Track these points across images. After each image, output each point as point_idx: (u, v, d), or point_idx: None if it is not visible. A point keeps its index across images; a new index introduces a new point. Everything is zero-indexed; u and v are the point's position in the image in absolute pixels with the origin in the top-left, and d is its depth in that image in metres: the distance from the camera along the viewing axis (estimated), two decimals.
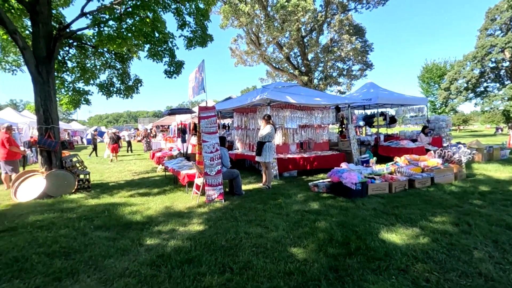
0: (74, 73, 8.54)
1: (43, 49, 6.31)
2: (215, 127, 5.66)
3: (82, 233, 4.01)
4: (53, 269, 2.98)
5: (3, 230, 4.23)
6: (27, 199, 5.94)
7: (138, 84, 9.45)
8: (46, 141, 6.30)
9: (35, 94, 6.37)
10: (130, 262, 3.10)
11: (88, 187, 6.91)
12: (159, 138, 19.96)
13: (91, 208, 5.34)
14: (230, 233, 3.84)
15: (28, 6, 6.26)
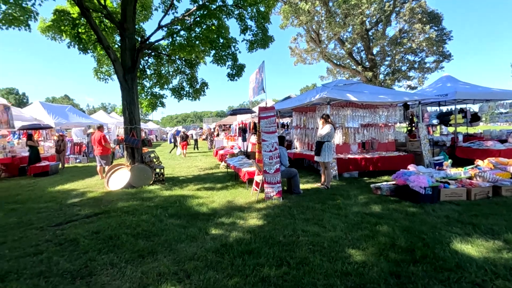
0: (152, 80, 9.73)
1: (129, 60, 7.38)
2: (274, 126, 5.84)
3: (159, 219, 4.62)
4: (138, 247, 3.54)
5: (100, 212, 5.14)
6: (116, 188, 7.05)
7: (205, 87, 10.25)
8: (131, 139, 7.36)
9: (122, 98, 7.50)
10: (198, 248, 3.48)
11: (162, 180, 7.83)
12: (221, 137, 21.20)
13: (165, 198, 6.08)
14: (287, 229, 3.97)
15: (118, 24, 7.38)
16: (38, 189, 7.51)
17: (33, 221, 4.80)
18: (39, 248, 3.63)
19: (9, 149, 10.88)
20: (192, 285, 2.67)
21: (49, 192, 7.04)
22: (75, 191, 7.13)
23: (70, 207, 5.63)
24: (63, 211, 5.34)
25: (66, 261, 3.24)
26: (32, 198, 6.48)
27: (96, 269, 3.03)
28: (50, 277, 2.89)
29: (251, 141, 12.70)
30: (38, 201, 6.19)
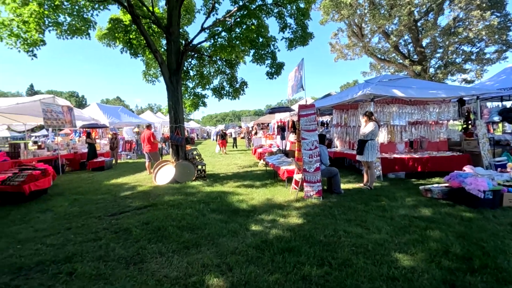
0: (194, 80, 10.16)
1: (174, 63, 7.80)
2: (315, 124, 5.73)
3: (202, 214, 4.83)
4: (183, 239, 3.74)
5: (149, 205, 5.53)
6: (162, 183, 7.51)
7: (244, 86, 10.43)
8: (176, 137, 7.79)
9: (168, 99, 7.96)
10: (239, 243, 3.57)
11: (204, 176, 8.16)
12: (260, 135, 21.39)
13: (207, 194, 6.32)
14: (328, 229, 3.89)
15: (164, 28, 7.84)
16: (96, 182, 8.31)
17: (92, 210, 5.33)
18: (98, 235, 4.03)
19: (72, 146, 12.20)
20: (234, 278, 2.75)
21: (105, 185, 7.75)
22: (127, 184, 7.75)
23: (123, 199, 6.14)
24: (117, 203, 5.85)
25: (121, 248, 3.55)
26: (91, 190, 7.19)
27: (146, 257, 3.27)
28: (108, 261, 3.20)
29: (289, 140, 12.62)
30: (96, 193, 6.85)
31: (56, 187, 7.52)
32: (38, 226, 4.53)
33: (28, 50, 6.93)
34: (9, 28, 6.66)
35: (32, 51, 7.03)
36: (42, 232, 4.24)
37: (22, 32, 6.78)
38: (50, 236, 4.05)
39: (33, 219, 4.94)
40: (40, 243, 3.81)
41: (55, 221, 4.76)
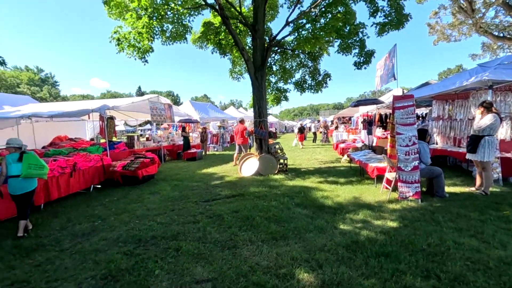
0: (277, 75, 10.29)
1: (259, 59, 8.05)
2: (413, 118, 5.07)
3: (287, 207, 4.88)
4: (271, 230, 3.85)
5: (236, 194, 5.90)
6: (247, 174, 7.92)
7: (327, 78, 10.03)
8: (259, 131, 8.07)
9: (253, 94, 8.29)
10: (327, 240, 3.46)
11: (286, 170, 8.24)
12: (341, 130, 20.35)
13: (290, 188, 6.36)
14: (432, 237, 3.40)
15: (250, 26, 8.14)
16: (190, 171, 9.35)
17: (189, 196, 6.01)
18: (196, 218, 4.51)
19: (171, 138, 14.02)
20: (325, 276, 2.68)
21: (198, 174, 8.65)
22: (216, 174, 8.46)
23: (214, 187, 6.72)
24: (209, 190, 6.44)
25: (216, 232, 3.88)
26: (187, 177, 8.12)
27: (238, 243, 3.49)
28: (206, 243, 3.54)
29: (376, 135, 11.60)
30: (191, 180, 7.70)
31: (160, 174, 8.77)
32: (149, 206, 5.36)
33: (141, 57, 8.19)
34: (128, 40, 7.99)
35: (144, 58, 8.28)
36: (152, 211, 5.00)
37: (137, 42, 8.05)
38: (159, 216, 4.73)
39: (145, 199, 5.87)
40: (152, 220, 4.50)
41: (161, 203, 5.55)
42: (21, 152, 4.28)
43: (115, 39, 7.69)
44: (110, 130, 9.09)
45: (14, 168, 4.13)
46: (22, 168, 4.12)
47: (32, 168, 4.18)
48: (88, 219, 4.76)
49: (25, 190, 4.21)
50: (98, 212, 5.12)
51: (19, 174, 4.12)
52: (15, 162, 4.15)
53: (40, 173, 4.34)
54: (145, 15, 7.48)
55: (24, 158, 4.19)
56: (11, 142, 4.30)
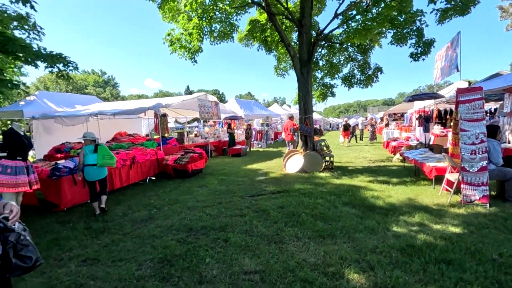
0: (323, 70, 10.00)
1: (305, 54, 7.90)
2: (481, 112, 4.53)
3: (333, 205, 4.74)
4: (317, 228, 3.78)
5: (281, 191, 5.90)
6: (291, 171, 7.87)
7: (378, 72, 9.46)
8: (305, 127, 7.95)
9: (298, 90, 8.18)
10: (379, 242, 3.28)
11: (331, 168, 7.99)
12: (392, 127, 19.03)
13: (336, 186, 6.16)
14: (504, 247, 3.02)
15: (297, 21, 8.02)
16: (236, 166, 9.60)
17: (235, 190, 6.18)
18: (243, 212, 4.62)
19: (217, 135, 14.55)
20: (377, 279, 2.55)
21: (243, 170, 8.84)
22: (260, 170, 8.56)
23: (259, 183, 6.81)
24: (254, 186, 6.54)
25: (262, 226, 3.94)
26: (233, 172, 8.36)
27: (285, 239, 3.50)
28: (253, 236, 3.61)
29: (434, 132, 10.61)
30: (237, 175, 7.90)
31: (207, 168, 9.17)
32: (199, 198, 5.64)
33: (191, 57, 8.63)
34: (180, 41, 8.46)
35: (194, 58, 8.71)
36: (201, 203, 5.26)
37: (187, 43, 8.49)
38: (208, 208, 4.96)
39: (195, 192, 6.19)
40: (201, 211, 4.73)
41: (209, 196, 5.80)
42: (95, 144, 4.91)
43: (168, 40, 8.20)
44: (163, 127, 9.76)
45: (90, 158, 4.78)
46: (98, 158, 4.77)
47: (105, 158, 4.83)
48: (145, 207, 5.19)
49: (100, 176, 4.91)
50: (154, 201, 5.55)
51: (95, 163, 4.77)
52: (91, 153, 4.80)
53: (111, 163, 5.00)
54: (195, 17, 7.84)
55: (98, 150, 4.84)
56: (87, 135, 4.97)
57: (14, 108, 10.91)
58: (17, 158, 3.65)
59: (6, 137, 3.65)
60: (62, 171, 5.19)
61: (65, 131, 11.20)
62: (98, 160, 4.76)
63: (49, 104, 11.66)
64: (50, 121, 10.39)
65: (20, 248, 1.28)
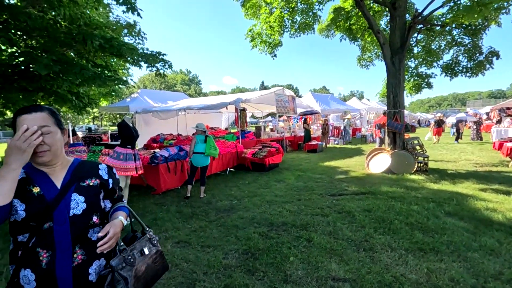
0: (418, 58, 8.75)
1: (398, 41, 7.00)
2: None
3: (434, 215, 4.06)
4: (416, 239, 3.27)
5: (366, 192, 5.40)
6: (376, 171, 7.16)
7: (493, 57, 7.76)
8: (394, 123, 7.10)
9: (387, 82, 7.34)
10: (504, 268, 2.63)
11: (426, 170, 6.97)
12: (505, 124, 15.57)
13: (434, 192, 5.31)
14: None
15: (389, 4, 7.16)
16: (312, 162, 9.30)
17: (314, 187, 5.94)
18: (324, 211, 4.38)
19: (292, 130, 14.41)
20: None
21: (320, 166, 8.49)
22: (339, 168, 8.07)
23: (339, 182, 6.41)
24: (333, 184, 6.18)
25: (348, 229, 3.63)
26: (310, 169, 8.10)
27: (375, 247, 3.13)
28: (338, 239, 3.36)
29: None
30: (314, 172, 7.63)
31: (284, 163, 9.13)
32: (277, 193, 5.62)
33: (271, 52, 8.65)
34: (261, 36, 8.57)
35: (273, 52, 8.71)
36: (280, 198, 5.21)
37: (268, 38, 8.53)
38: (287, 203, 4.88)
39: (272, 186, 6.20)
40: (281, 207, 4.68)
41: (288, 191, 5.72)
42: (205, 135, 5.48)
43: (250, 36, 8.38)
44: (243, 121, 10.13)
45: (200, 146, 5.40)
46: (206, 148, 5.35)
47: (211, 148, 5.39)
48: (227, 197, 5.43)
49: (203, 164, 5.48)
50: (234, 192, 5.77)
51: (203, 152, 5.37)
52: (201, 142, 5.41)
53: (215, 153, 5.52)
54: (277, 9, 7.79)
55: (208, 140, 5.40)
56: (200, 126, 5.57)
57: (122, 104, 12.94)
58: (127, 146, 4.24)
59: (120, 128, 4.27)
60: (159, 159, 5.84)
61: (160, 124, 12.74)
62: (206, 149, 5.31)
63: (148, 100, 13.43)
64: (148, 114, 11.94)
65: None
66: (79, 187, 1.18)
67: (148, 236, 1.36)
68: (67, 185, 1.16)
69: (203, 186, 5.54)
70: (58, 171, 1.18)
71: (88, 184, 1.21)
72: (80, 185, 1.19)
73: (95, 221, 1.20)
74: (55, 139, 1.12)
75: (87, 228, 1.17)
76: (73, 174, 1.20)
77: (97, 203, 1.22)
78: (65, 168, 1.21)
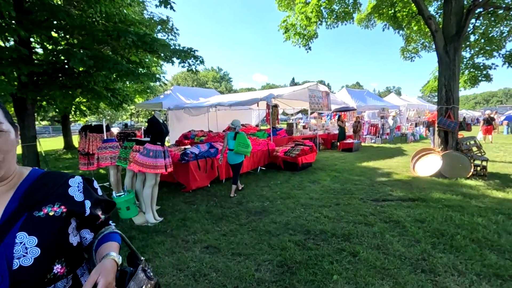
0: (474, 47, 7.73)
1: (453, 27, 6.17)
2: None
3: (505, 230, 3.40)
4: (488, 261, 2.70)
5: (414, 198, 4.78)
6: (424, 174, 6.43)
7: None
8: (446, 121, 6.30)
9: (439, 74, 6.53)
10: None
11: (484, 175, 6.09)
12: None
13: (499, 201, 4.55)
14: None
15: None
16: (348, 162, 8.68)
17: (352, 190, 5.42)
18: (368, 219, 3.89)
19: (326, 127, 13.74)
20: None
21: (358, 167, 7.86)
22: (380, 170, 7.40)
23: (381, 185, 5.81)
24: (375, 188, 5.60)
25: (399, 244, 3.13)
26: (346, 169, 7.53)
27: (437, 268, 2.62)
28: (388, 256, 2.88)
29: None
30: (351, 173, 7.05)
31: (317, 162, 8.62)
32: (312, 195, 5.19)
33: (305, 44, 8.17)
34: (294, 28, 8.11)
35: (308, 45, 8.22)
36: (316, 201, 4.79)
37: (302, 29, 8.05)
38: (324, 208, 4.44)
39: (306, 188, 5.78)
40: (317, 212, 4.26)
41: (323, 194, 5.27)
42: (235, 132, 5.35)
43: (283, 27, 7.96)
44: (274, 117, 9.75)
45: (230, 143, 5.33)
46: (234, 145, 5.21)
47: (240, 145, 5.19)
48: (258, 198, 5.12)
49: (234, 162, 5.36)
50: (266, 193, 5.44)
51: (232, 148, 5.26)
52: (231, 139, 5.31)
53: (245, 151, 5.28)
54: None
55: (237, 137, 5.24)
56: (234, 123, 5.51)
57: (156, 101, 13.19)
58: (157, 143, 4.08)
59: (149, 124, 4.12)
60: (189, 156, 5.69)
61: (191, 120, 12.82)
62: (235, 146, 5.19)
63: (180, 97, 13.57)
64: (180, 111, 12.02)
65: None
66: (30, 221, 0.75)
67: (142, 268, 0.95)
68: (10, 218, 0.73)
69: (234, 184, 5.38)
70: (2, 193, 0.78)
71: (46, 214, 0.78)
72: (33, 216, 0.76)
73: (58, 272, 0.78)
74: (8, 142, 0.77)
75: (44, 286, 0.76)
76: (22, 199, 0.77)
77: (61, 243, 0.81)
78: (13, 188, 0.79)
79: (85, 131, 5.63)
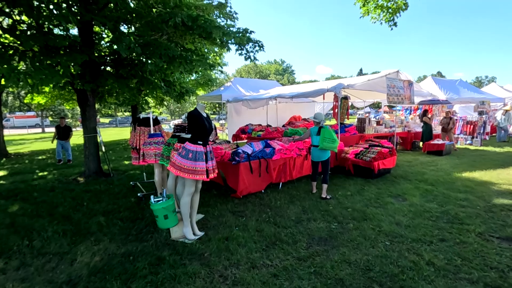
0: None
1: None
2: None
3: None
4: None
5: None
6: None
7: None
8: None
9: None
10: None
11: None
12: None
13: None
14: None
15: None
16: (442, 170, 6.73)
17: (461, 217, 3.82)
18: (510, 279, 2.41)
19: (405, 124, 11.51)
20: None
21: (458, 178, 5.95)
22: (495, 185, 5.41)
23: (505, 211, 4.03)
24: (497, 215, 3.88)
25: None
26: (441, 181, 5.72)
27: None
28: None
29: None
30: (451, 187, 5.27)
31: (396, 168, 6.94)
32: (398, 218, 3.81)
33: (389, 19, 6.52)
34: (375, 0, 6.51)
35: (393, 20, 6.55)
36: (407, 231, 3.41)
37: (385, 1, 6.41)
38: (422, 245, 3.06)
39: (388, 204, 4.38)
40: (413, 251, 2.92)
41: (416, 217, 3.82)
42: (319, 126, 4.88)
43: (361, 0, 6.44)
44: (343, 111, 8.30)
45: (314, 139, 4.93)
46: (320, 140, 4.75)
47: (326, 141, 4.69)
48: (322, 215, 3.98)
49: (321, 158, 4.88)
50: (332, 208, 4.25)
51: (317, 145, 4.83)
52: (315, 135, 4.91)
53: (332, 146, 4.73)
54: None
55: (321, 132, 4.76)
56: (317, 117, 5.00)
57: (216, 93, 12.86)
58: (198, 142, 3.27)
59: (190, 118, 3.33)
60: (240, 156, 4.83)
61: (250, 113, 12.10)
62: (320, 142, 4.75)
63: (240, 89, 12.96)
64: (239, 103, 11.37)
65: None
66: None
67: None
68: None
69: (324, 184, 4.85)
70: None
71: None
72: None
73: None
74: None
75: None
76: None
77: None
78: None
79: (134, 124, 5.24)
